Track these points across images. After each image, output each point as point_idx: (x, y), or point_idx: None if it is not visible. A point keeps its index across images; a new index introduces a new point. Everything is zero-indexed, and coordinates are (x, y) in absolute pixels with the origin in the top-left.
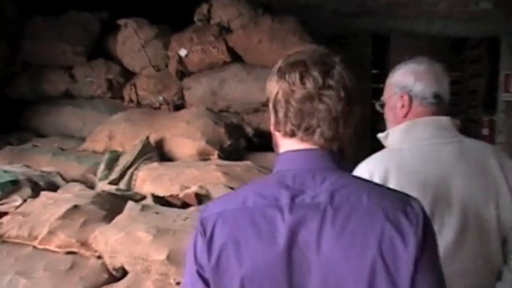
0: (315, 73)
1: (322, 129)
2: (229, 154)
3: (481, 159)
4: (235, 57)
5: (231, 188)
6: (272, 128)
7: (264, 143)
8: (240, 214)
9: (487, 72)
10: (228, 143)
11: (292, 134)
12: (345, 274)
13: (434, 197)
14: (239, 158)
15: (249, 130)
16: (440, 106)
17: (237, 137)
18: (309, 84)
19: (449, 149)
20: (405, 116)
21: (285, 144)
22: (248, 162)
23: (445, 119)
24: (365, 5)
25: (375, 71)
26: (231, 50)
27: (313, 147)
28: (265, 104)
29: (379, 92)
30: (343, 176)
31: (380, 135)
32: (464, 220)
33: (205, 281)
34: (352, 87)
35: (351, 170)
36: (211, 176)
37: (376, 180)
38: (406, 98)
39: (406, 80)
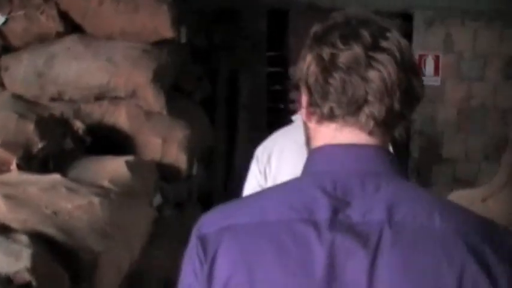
0: (364, 32)
1: (371, 107)
2: (44, 162)
3: None
4: (73, 27)
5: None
6: (305, 117)
7: (107, 143)
8: (256, 231)
9: None
10: (40, 145)
11: (331, 116)
12: None
13: None
14: (61, 167)
15: (79, 126)
16: None
17: (60, 136)
18: (356, 45)
19: None
20: None
21: (322, 136)
22: (56, 176)
23: None
24: None
25: (271, 53)
26: (65, 16)
27: (361, 141)
28: (109, 90)
29: (276, 77)
30: (405, 186)
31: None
32: None
33: None
34: (413, 61)
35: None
36: None
37: (264, 160)
38: None
39: None
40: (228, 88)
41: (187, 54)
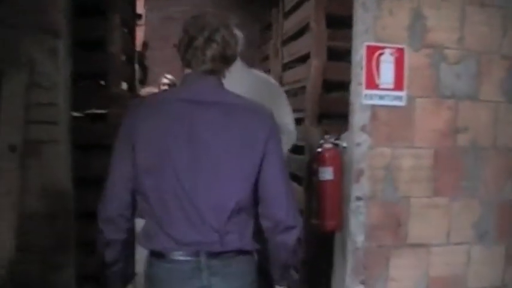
0: (205, 32)
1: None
2: None
3: None
4: None
5: None
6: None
7: None
8: (159, 103)
9: None
10: None
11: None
12: (222, 149)
13: None
14: None
15: None
16: None
17: None
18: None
19: None
20: None
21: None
22: None
23: None
24: None
25: None
26: None
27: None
28: None
29: None
30: (224, 89)
31: None
32: None
33: (132, 145)
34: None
35: None
36: None
37: None
38: None
39: None
40: None
41: None
